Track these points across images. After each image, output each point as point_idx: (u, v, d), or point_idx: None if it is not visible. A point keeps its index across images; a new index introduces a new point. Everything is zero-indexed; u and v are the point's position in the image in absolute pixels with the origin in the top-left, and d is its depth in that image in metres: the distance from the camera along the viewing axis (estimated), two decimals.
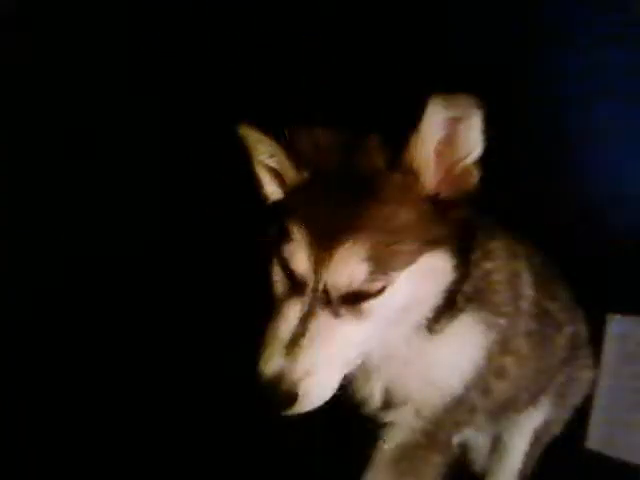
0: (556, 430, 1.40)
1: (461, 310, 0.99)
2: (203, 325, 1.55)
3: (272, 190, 0.99)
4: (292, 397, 0.84)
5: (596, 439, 1.48)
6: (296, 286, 0.87)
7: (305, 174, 0.92)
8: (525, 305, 1.10)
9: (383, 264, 0.84)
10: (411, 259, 0.86)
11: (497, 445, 1.40)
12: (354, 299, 0.86)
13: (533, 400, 1.28)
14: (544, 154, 1.57)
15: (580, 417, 1.45)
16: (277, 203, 0.98)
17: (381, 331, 0.89)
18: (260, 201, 1.01)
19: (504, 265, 1.06)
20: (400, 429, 1.05)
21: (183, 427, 1.44)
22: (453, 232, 0.90)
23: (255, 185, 1.00)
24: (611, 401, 1.50)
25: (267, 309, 0.91)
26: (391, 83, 1.53)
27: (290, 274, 0.88)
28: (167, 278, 1.62)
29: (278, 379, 0.83)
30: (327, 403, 0.87)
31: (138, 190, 1.66)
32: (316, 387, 0.85)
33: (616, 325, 1.55)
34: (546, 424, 1.36)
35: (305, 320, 0.85)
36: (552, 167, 1.58)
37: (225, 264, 1.60)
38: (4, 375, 1.46)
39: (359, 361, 0.91)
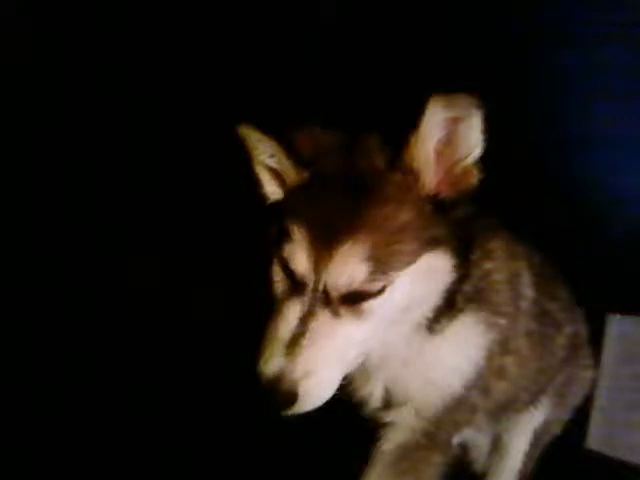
0: (556, 430, 1.39)
1: (461, 310, 0.98)
2: (203, 325, 1.55)
3: (272, 190, 0.99)
4: (292, 397, 0.84)
5: (596, 439, 1.47)
6: (296, 286, 0.87)
7: (305, 174, 0.92)
8: (525, 305, 1.10)
9: (383, 264, 0.84)
10: (411, 259, 0.86)
11: (497, 445, 1.39)
12: (354, 299, 0.86)
13: (533, 400, 1.28)
14: (544, 154, 1.57)
15: (580, 417, 1.44)
16: (277, 203, 0.98)
17: (381, 331, 0.89)
18: (260, 201, 1.01)
19: (504, 265, 1.05)
20: (400, 429, 1.05)
21: (183, 427, 1.44)
22: (453, 232, 0.90)
23: (255, 185, 1.00)
24: (611, 401, 1.50)
25: (267, 309, 0.91)
26: (391, 83, 1.53)
27: (290, 274, 0.88)
28: (167, 278, 1.62)
29: (278, 379, 0.83)
30: (327, 403, 0.87)
31: (138, 189, 1.66)
32: (316, 387, 0.85)
33: (616, 325, 1.55)
34: (546, 424, 1.35)
35: (305, 320, 0.85)
36: (552, 167, 1.58)
37: (225, 264, 1.60)
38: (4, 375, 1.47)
39: (359, 361, 0.92)
